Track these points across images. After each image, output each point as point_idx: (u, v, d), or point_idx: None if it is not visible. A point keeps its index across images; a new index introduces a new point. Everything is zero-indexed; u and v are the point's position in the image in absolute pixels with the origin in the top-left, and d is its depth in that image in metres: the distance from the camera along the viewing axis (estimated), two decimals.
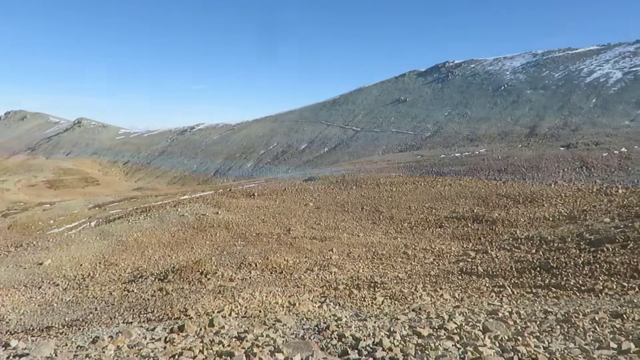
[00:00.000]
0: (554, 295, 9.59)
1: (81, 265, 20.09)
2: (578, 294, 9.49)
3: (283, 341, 5.53)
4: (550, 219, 17.50)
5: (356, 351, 4.89)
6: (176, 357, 5.12)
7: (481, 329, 5.54)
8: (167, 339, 6.07)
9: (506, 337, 5.19)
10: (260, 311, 9.83)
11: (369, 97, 78.08)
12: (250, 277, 14.23)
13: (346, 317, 7.56)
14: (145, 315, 11.55)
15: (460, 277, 11.96)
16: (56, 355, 5.55)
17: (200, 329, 6.62)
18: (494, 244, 15.37)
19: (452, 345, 4.89)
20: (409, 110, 66.10)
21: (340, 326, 6.41)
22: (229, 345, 5.52)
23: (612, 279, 10.10)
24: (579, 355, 4.57)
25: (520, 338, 5.13)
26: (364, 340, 5.22)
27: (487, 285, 11.03)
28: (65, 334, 10.82)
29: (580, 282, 10.17)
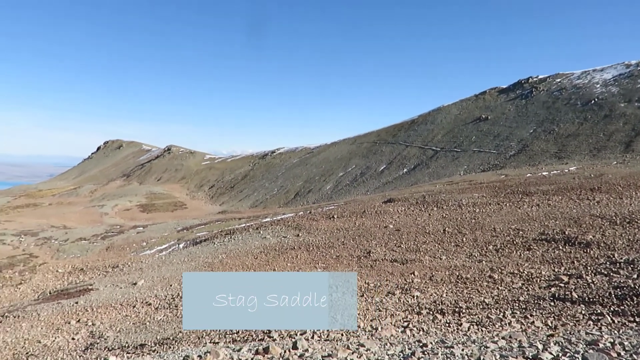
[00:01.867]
0: None
1: (171, 285, 21.07)
2: None
3: None
4: None
5: None
6: None
7: None
8: None
9: None
10: (342, 335, 9.79)
11: (449, 117, 76.57)
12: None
13: (431, 343, 7.35)
14: (230, 335, 11.86)
15: (552, 304, 11.27)
16: None
17: (285, 352, 6.69)
18: (589, 268, 14.36)
19: None
20: (491, 129, 64.05)
21: (426, 353, 6.24)
22: None
23: None
24: None
25: None
26: None
27: (583, 312, 10.31)
28: (158, 352, 11.35)
29: None
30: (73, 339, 15.64)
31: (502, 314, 10.80)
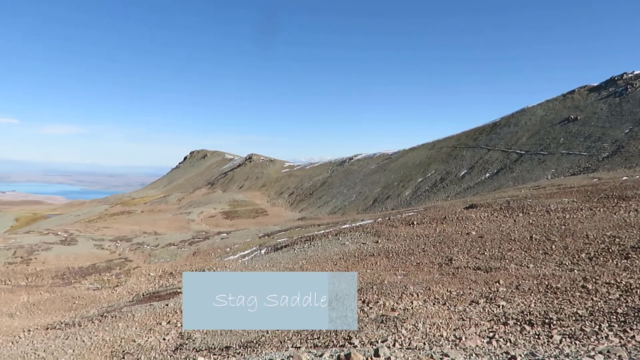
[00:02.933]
0: None
1: None
2: None
3: None
4: None
5: None
6: None
7: None
8: None
9: None
10: (424, 343, 9.60)
11: (534, 118, 73.10)
12: (412, 308, 14.01)
13: (520, 355, 7.03)
14: (312, 340, 11.99)
15: None
16: None
17: (367, 359, 6.67)
18: None
19: None
20: (581, 129, 60.40)
21: None
22: None
23: None
24: None
25: None
26: None
27: None
28: (242, 355, 11.70)
29: None
30: (164, 339, 16.50)
31: (597, 326, 10.11)
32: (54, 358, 16.61)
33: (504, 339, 9.72)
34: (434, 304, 14.24)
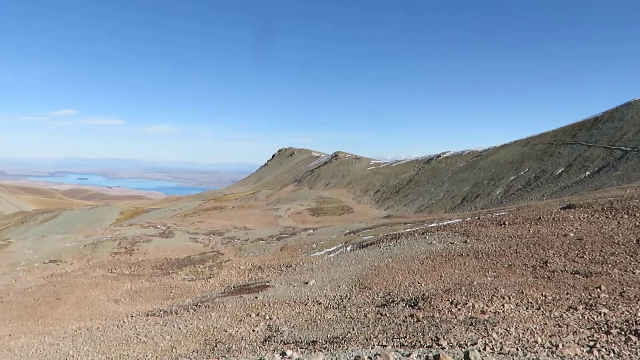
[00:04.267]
0: None
1: (339, 286, 21.85)
2: None
3: None
4: None
5: None
6: None
7: None
8: None
9: None
10: (517, 349, 9.18)
11: None
12: (503, 311, 13.45)
13: None
14: (398, 339, 11.89)
15: None
16: None
17: None
18: None
19: None
20: None
21: None
22: None
23: None
24: None
25: None
26: None
27: None
28: (329, 350, 11.84)
29: None
30: (253, 330, 17.12)
31: None
32: (154, 343, 17.79)
33: (606, 349, 9.06)
34: (527, 308, 13.59)
